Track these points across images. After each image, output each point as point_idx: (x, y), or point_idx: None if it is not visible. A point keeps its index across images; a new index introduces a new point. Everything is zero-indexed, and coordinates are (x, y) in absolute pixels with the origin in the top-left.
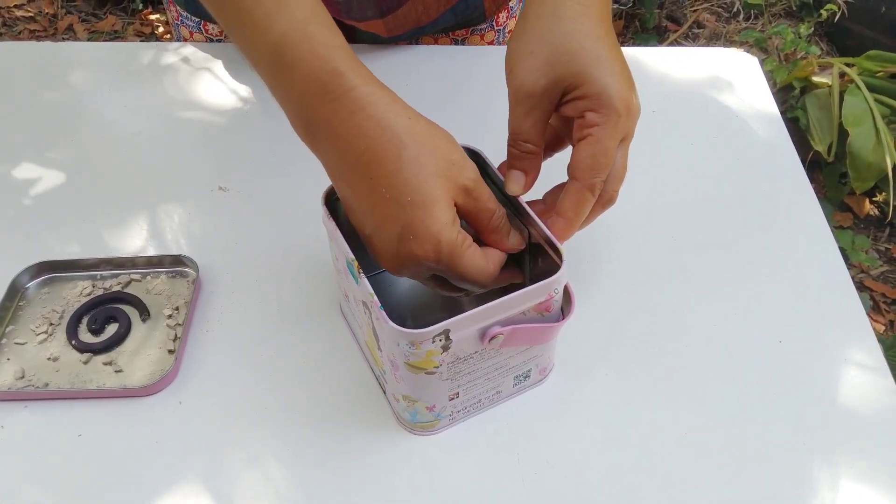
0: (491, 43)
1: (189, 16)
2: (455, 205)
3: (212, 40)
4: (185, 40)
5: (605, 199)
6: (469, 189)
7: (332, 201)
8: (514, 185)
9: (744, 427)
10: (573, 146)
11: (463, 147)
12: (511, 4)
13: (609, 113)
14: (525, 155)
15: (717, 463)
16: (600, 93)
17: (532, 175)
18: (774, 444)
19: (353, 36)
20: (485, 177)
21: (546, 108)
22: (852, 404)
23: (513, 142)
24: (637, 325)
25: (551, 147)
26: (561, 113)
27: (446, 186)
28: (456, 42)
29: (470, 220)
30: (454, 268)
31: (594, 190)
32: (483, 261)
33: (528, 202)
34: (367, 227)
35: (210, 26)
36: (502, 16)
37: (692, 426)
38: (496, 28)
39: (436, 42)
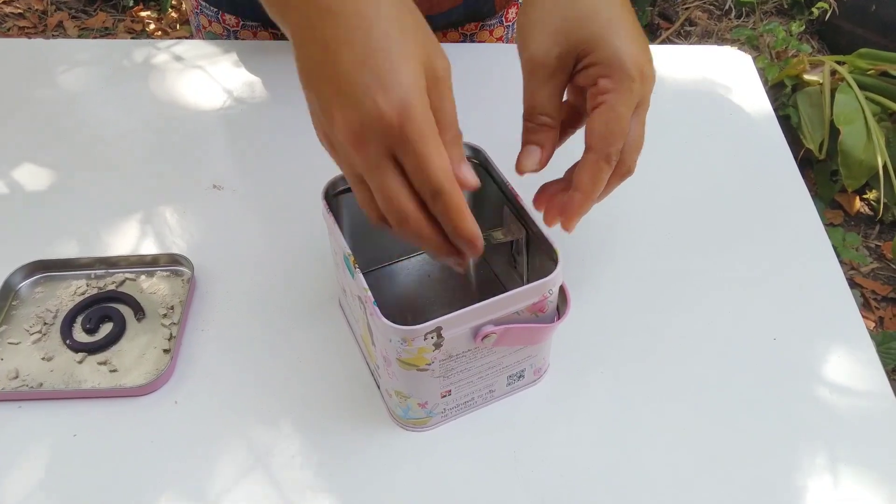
0: (500, 39)
1: (208, 5)
2: None
3: (228, 30)
4: (204, 28)
5: (622, 171)
6: (439, 79)
7: (331, 196)
8: (528, 160)
9: (739, 425)
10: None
11: (465, 144)
12: None
13: (622, 78)
14: (540, 128)
15: (712, 461)
16: (611, 57)
17: (548, 150)
18: (769, 441)
19: None
20: (488, 175)
21: (560, 78)
22: (846, 400)
23: (528, 115)
24: (633, 326)
25: (570, 125)
26: (575, 83)
27: (421, 58)
28: (465, 37)
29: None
30: (417, 144)
31: (610, 160)
32: (447, 160)
33: (549, 182)
34: (330, 87)
35: (227, 17)
36: (511, 12)
37: (687, 425)
38: (505, 24)
39: (444, 37)
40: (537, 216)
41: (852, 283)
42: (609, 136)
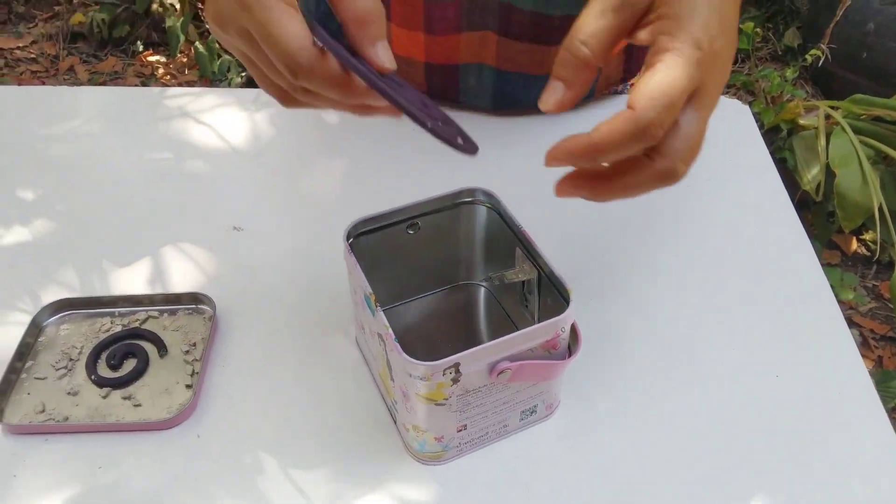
0: None
1: None
2: None
3: None
4: None
5: (663, 171)
6: None
7: (352, 237)
8: (548, 96)
9: (746, 461)
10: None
11: (479, 189)
12: None
13: (686, 41)
14: (573, 61)
15: (721, 496)
16: (680, 16)
17: (572, 91)
18: (775, 477)
19: None
20: (500, 218)
21: (622, 16)
22: (847, 438)
23: (568, 42)
24: (639, 363)
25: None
26: (636, 39)
27: None
28: None
29: None
30: (258, 15)
31: (646, 128)
32: (301, 30)
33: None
34: None
35: None
36: None
37: (695, 460)
38: None
39: None
40: (549, 257)
41: (851, 323)
42: (654, 98)
